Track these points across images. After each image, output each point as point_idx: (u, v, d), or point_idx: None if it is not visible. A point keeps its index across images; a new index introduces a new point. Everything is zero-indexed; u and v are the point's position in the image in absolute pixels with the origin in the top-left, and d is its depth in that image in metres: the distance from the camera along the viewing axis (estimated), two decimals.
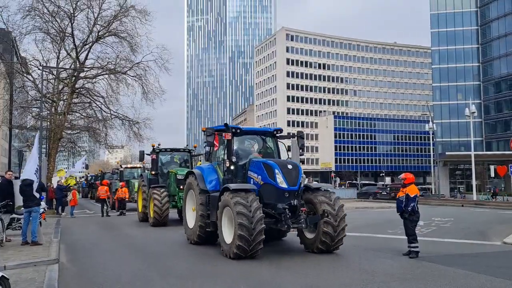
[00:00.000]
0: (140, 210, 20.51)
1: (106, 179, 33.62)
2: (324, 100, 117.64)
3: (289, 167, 10.55)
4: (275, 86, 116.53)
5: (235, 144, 11.78)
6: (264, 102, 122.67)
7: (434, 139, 63.44)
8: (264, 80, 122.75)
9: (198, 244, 12.11)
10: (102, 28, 31.29)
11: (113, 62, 31.72)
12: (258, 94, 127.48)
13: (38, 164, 13.26)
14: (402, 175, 11.16)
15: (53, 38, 30.75)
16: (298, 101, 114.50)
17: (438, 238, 13.76)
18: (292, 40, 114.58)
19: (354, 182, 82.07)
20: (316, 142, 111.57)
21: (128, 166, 36.30)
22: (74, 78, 31.68)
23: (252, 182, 10.94)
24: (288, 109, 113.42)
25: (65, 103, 31.95)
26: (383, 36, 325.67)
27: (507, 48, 68.89)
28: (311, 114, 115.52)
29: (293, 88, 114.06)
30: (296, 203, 10.40)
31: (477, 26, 74.62)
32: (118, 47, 31.64)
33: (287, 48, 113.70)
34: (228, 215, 10.28)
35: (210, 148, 12.09)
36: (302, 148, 12.17)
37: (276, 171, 10.37)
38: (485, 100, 72.89)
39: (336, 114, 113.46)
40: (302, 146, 12.16)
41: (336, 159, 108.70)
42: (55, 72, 31.54)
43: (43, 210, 15.19)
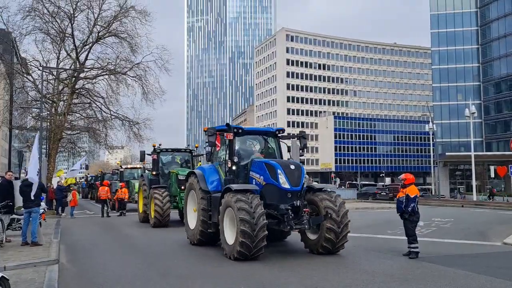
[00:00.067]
0: (141, 210, 20.32)
1: (106, 179, 33.62)
2: (324, 101, 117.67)
3: (291, 167, 10.43)
4: (275, 87, 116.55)
5: (236, 144, 11.61)
6: (264, 103, 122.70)
7: (434, 140, 63.44)
8: (264, 80, 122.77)
9: (199, 245, 12.02)
10: (102, 29, 31.31)
11: (113, 63, 31.78)
12: (258, 94, 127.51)
13: (38, 167, 13.12)
14: (402, 176, 11.13)
15: (53, 39, 30.77)
16: (298, 101, 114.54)
17: (438, 239, 13.76)
18: (292, 40, 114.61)
19: (354, 182, 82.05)
20: (316, 142, 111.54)
21: (128, 166, 36.28)
22: (74, 79, 31.69)
23: (254, 183, 10.80)
24: (288, 109, 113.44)
25: (65, 104, 31.97)
26: (383, 36, 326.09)
27: (507, 48, 68.90)
28: (311, 115, 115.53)
29: (293, 89, 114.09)
30: (299, 204, 10.25)
31: (477, 27, 74.64)
32: (118, 47, 31.71)
33: (287, 49, 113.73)
34: (230, 216, 10.16)
35: (211, 148, 11.97)
36: (305, 148, 12.04)
37: (278, 171, 10.25)
38: (485, 101, 72.90)
39: (336, 115, 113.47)
40: (305, 146, 12.01)
41: (336, 160, 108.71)
42: (55, 73, 31.57)
43: (43, 210, 15.20)
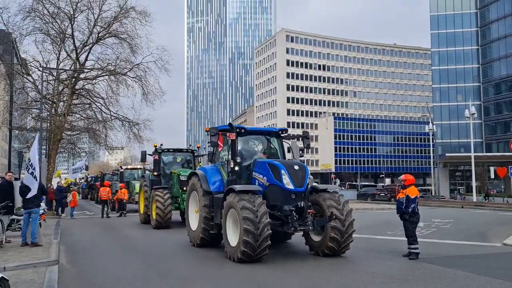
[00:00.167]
0: (142, 211, 19.97)
1: (106, 180, 33.63)
2: (324, 101, 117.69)
3: (295, 167, 10.28)
4: (275, 87, 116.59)
5: (239, 144, 11.46)
6: (264, 103, 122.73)
7: (434, 141, 63.48)
8: (264, 81, 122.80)
9: (201, 247, 11.91)
10: (102, 29, 31.29)
11: (113, 63, 31.75)
12: (258, 95, 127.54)
13: (36, 171, 12.76)
14: (402, 177, 11.12)
15: (53, 39, 30.75)
16: (298, 102, 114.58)
17: (438, 240, 13.74)
18: (292, 41, 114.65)
19: (354, 183, 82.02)
20: (316, 143, 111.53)
21: (128, 167, 36.30)
22: (74, 79, 31.68)
23: (257, 184, 10.64)
24: (288, 110, 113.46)
25: (65, 104, 31.95)
26: (383, 36, 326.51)
27: (507, 49, 68.94)
28: (311, 115, 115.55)
29: (293, 89, 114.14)
30: (303, 205, 10.07)
31: (477, 28, 74.67)
32: (118, 48, 31.67)
33: (287, 50, 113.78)
34: (233, 217, 10.04)
35: (213, 148, 11.85)
36: (308, 148, 11.89)
37: (282, 171, 10.10)
38: (485, 102, 72.92)
39: (336, 115, 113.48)
40: (308, 146, 11.84)
41: (336, 160, 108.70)
42: (55, 73, 31.56)
43: (42, 211, 15.18)
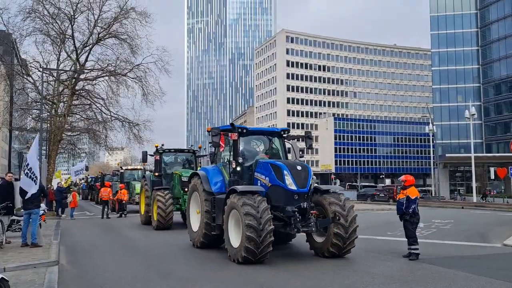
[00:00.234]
0: (142, 212, 19.80)
1: (106, 180, 33.62)
2: (324, 102, 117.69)
3: (298, 168, 10.18)
4: (275, 88, 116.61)
5: (241, 144, 11.37)
6: (264, 104, 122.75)
7: (434, 141, 63.50)
8: (264, 82, 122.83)
9: (202, 248, 11.80)
10: (102, 30, 31.31)
11: (113, 64, 31.77)
12: (258, 96, 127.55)
13: (36, 174, 12.69)
14: (402, 177, 11.10)
15: (53, 40, 30.77)
16: (298, 103, 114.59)
17: (438, 240, 13.74)
18: (292, 42, 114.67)
19: (354, 184, 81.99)
20: (316, 144, 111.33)
21: (129, 168, 36.28)
22: (74, 80, 31.70)
23: (259, 184, 10.56)
24: (288, 111, 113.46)
25: (65, 105, 31.96)
26: (383, 36, 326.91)
27: (507, 50, 68.97)
28: (311, 116, 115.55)
29: (293, 90, 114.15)
30: (306, 206, 10.00)
31: (477, 28, 74.68)
32: (118, 49, 31.69)
33: (287, 50, 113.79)
34: (235, 218, 9.95)
35: (215, 149, 11.79)
36: (310, 148, 11.81)
37: (285, 172, 10.00)
38: (485, 102, 72.93)
39: (336, 116, 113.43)
40: (310, 146, 11.73)
41: (336, 161, 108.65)
42: (55, 74, 31.60)
43: (43, 212, 15.18)
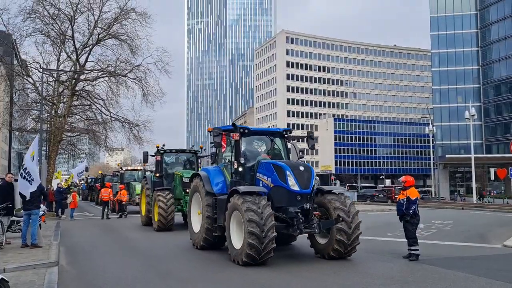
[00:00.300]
0: (143, 213, 19.65)
1: (106, 181, 33.62)
2: (324, 103, 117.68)
3: (301, 168, 10.10)
4: (275, 89, 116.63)
5: (242, 144, 11.28)
6: (264, 105, 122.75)
7: (434, 142, 63.53)
8: (264, 82, 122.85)
9: (203, 249, 11.74)
10: (102, 31, 31.31)
11: (113, 65, 31.79)
12: (258, 96, 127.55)
13: (34, 175, 12.53)
14: (402, 178, 11.09)
15: (53, 41, 30.79)
16: (298, 103, 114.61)
17: (438, 241, 13.73)
18: (292, 42, 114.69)
19: (354, 185, 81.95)
20: (316, 144, 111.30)
21: (129, 168, 36.25)
22: (74, 81, 31.71)
23: (261, 185, 10.44)
24: (288, 111, 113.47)
25: (65, 106, 31.97)
26: (383, 36, 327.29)
27: (506, 51, 68.99)
28: (311, 117, 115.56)
29: (293, 91, 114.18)
30: (308, 207, 9.89)
31: (477, 29, 74.71)
32: (118, 49, 31.70)
33: (287, 51, 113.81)
34: (237, 219, 9.86)
35: (216, 149, 11.73)
36: (313, 149, 11.74)
37: (287, 173, 9.92)
38: (485, 103, 72.94)
39: (336, 117, 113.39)
40: (313, 147, 11.68)
41: (336, 162, 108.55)
42: (55, 75, 31.60)
43: (42, 212, 15.18)
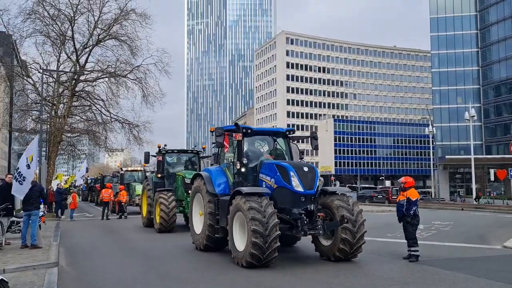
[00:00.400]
0: (144, 215, 19.49)
1: (106, 182, 33.63)
2: (324, 104, 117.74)
3: (305, 169, 9.94)
4: (275, 90, 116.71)
5: (244, 145, 11.12)
6: (264, 106, 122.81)
7: (434, 143, 63.56)
8: (264, 83, 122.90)
9: (205, 251, 11.64)
10: (102, 32, 31.30)
11: (113, 65, 31.75)
12: (258, 97, 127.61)
13: (26, 175, 12.31)
14: (401, 179, 11.06)
15: (53, 41, 30.77)
16: (298, 104, 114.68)
17: (438, 242, 13.74)
18: (292, 43, 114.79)
19: (354, 185, 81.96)
20: None
21: (129, 169, 36.23)
22: (74, 81, 31.70)
23: (264, 186, 10.32)
24: (288, 112, 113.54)
25: (65, 106, 31.95)
26: (382, 36, 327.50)
27: (506, 52, 69.04)
28: (311, 118, 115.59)
29: (293, 92, 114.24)
30: (312, 208, 9.76)
31: (476, 30, 74.77)
32: (118, 50, 31.66)
33: (287, 52, 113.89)
34: (240, 220, 9.74)
35: (218, 149, 11.66)
36: (316, 149, 11.62)
37: (291, 173, 9.78)
38: (484, 104, 72.96)
39: (336, 118, 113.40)
40: (316, 147, 11.52)
41: (336, 163, 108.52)
42: (55, 75, 31.56)
43: (42, 213, 15.18)
